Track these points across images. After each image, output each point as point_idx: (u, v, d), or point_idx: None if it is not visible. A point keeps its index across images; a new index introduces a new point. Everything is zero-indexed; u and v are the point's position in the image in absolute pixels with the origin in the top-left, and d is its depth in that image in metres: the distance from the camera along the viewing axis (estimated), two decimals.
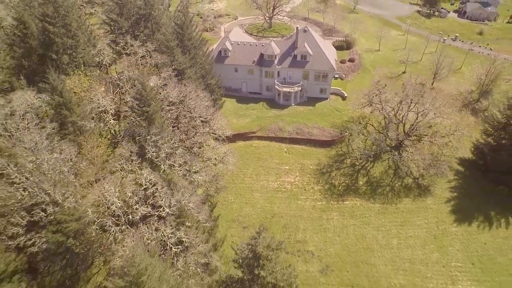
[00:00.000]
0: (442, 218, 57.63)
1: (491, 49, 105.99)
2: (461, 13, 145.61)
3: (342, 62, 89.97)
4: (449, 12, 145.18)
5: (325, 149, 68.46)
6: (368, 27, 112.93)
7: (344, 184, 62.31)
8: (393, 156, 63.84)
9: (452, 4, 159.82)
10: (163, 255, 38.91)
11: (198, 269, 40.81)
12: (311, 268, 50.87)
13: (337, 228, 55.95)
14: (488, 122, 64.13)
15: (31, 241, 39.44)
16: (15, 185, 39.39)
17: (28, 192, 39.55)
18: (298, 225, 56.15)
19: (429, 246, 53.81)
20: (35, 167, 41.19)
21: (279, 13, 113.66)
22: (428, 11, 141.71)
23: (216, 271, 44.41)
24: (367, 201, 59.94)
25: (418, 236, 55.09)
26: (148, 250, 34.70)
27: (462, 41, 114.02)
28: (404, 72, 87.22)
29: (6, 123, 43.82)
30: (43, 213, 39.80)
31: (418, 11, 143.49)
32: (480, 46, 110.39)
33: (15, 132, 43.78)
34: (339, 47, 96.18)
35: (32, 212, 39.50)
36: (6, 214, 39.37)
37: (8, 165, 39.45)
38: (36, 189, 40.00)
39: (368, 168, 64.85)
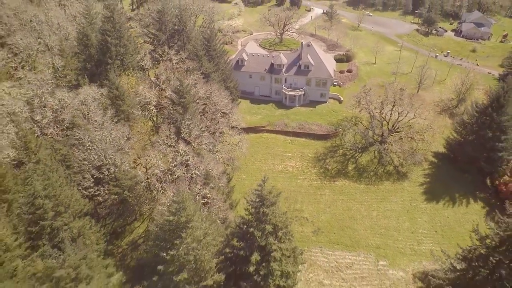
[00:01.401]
0: (415, 197, 70.34)
1: (478, 65, 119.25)
2: (458, 32, 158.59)
3: (341, 72, 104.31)
4: (446, 31, 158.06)
5: (322, 142, 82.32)
6: (368, 43, 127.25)
7: (336, 168, 75.86)
8: (378, 148, 77.32)
9: (451, 24, 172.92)
10: None
11: (218, 220, 54.94)
12: (306, 230, 64.22)
13: (328, 201, 69.31)
14: (458, 122, 77.15)
15: (98, 192, 54.47)
16: (88, 150, 54.69)
17: (98, 156, 54.75)
18: (297, 198, 69.69)
19: (402, 218, 66.50)
20: (102, 139, 56.46)
21: (289, 29, 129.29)
22: (426, 30, 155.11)
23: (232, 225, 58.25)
24: (354, 182, 73.17)
25: (394, 210, 67.90)
26: None
27: (453, 57, 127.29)
28: (394, 82, 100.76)
29: (81, 108, 59.61)
30: (107, 172, 54.90)
31: (417, 30, 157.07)
32: (468, 62, 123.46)
33: (87, 114, 59.48)
34: (339, 60, 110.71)
35: (100, 171, 54.61)
36: (82, 171, 54.50)
37: (84, 136, 54.86)
38: (103, 154, 55.26)
39: (357, 157, 78.39)
